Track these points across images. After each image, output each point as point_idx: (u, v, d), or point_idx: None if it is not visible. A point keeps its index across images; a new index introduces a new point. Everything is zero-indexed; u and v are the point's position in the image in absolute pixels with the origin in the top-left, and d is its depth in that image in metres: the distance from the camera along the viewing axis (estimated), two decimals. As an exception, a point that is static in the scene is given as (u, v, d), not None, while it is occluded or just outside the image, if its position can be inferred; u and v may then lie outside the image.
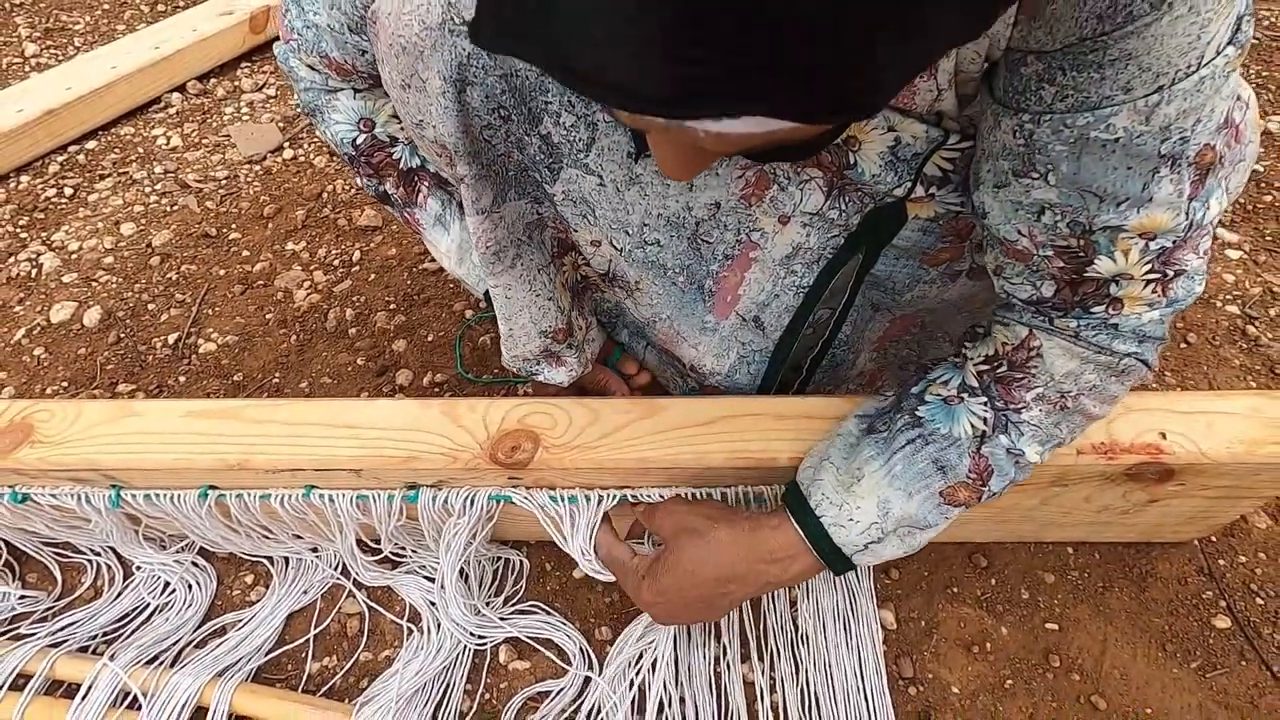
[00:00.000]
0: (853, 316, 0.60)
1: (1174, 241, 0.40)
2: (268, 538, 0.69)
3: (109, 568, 0.74)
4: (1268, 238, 1.02)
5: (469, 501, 0.62)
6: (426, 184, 0.62)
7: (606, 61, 0.22)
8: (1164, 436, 0.57)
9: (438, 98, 0.45)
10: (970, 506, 0.50)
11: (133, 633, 0.69)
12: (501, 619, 0.68)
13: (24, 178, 1.27)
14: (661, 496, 0.60)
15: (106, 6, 1.79)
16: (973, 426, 0.49)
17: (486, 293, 0.63)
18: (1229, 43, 0.34)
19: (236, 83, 1.49)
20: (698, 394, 0.70)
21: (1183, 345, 0.89)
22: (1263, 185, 1.09)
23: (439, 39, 0.44)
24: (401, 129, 0.61)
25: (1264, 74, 1.31)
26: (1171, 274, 0.42)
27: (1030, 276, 0.45)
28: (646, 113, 0.23)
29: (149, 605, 0.71)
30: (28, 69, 1.59)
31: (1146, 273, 0.41)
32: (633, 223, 0.53)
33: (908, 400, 0.52)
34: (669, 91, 0.22)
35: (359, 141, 0.60)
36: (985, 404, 0.49)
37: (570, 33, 0.22)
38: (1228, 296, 0.94)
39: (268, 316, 1.00)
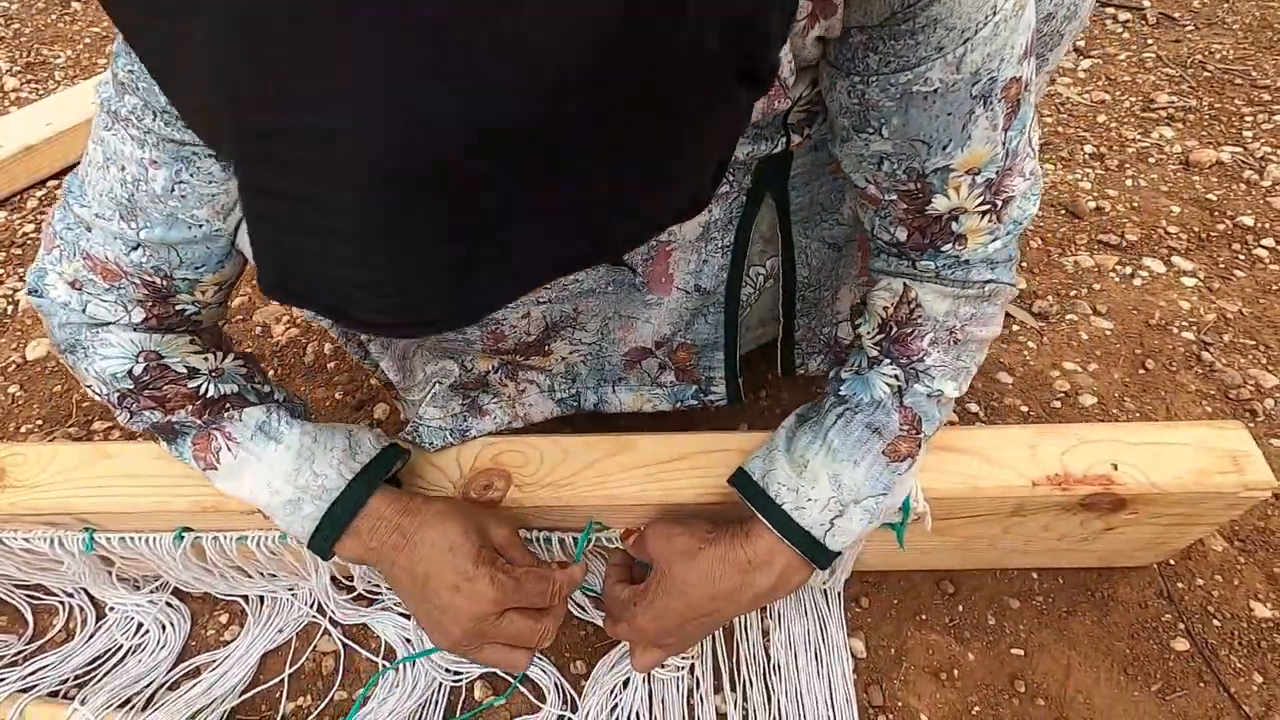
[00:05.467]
0: (803, 258, 0.63)
1: (997, 172, 0.46)
2: (241, 578, 0.70)
3: (81, 609, 0.73)
4: (1221, 265, 1.05)
5: (443, 539, 0.63)
6: (243, 405, 0.56)
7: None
8: (1115, 468, 0.59)
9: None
10: (915, 458, 0.54)
11: (105, 675, 0.69)
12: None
13: (1, 213, 1.27)
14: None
15: (88, 40, 1.80)
16: (888, 386, 0.54)
17: (322, 524, 0.54)
18: None
19: (217, 116, 1.50)
20: (683, 391, 0.71)
21: (1140, 371, 0.92)
22: (1216, 214, 1.13)
23: None
24: (206, 360, 0.55)
25: (1216, 106, 1.36)
26: (1001, 202, 0.47)
27: (883, 222, 0.51)
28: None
29: (122, 647, 0.71)
30: (8, 104, 1.59)
31: (979, 205, 0.47)
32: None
33: (829, 386, 0.57)
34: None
35: (137, 372, 0.52)
36: (891, 364, 0.53)
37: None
38: (1183, 323, 0.97)
39: (247, 351, 1.00)
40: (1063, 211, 1.15)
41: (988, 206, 0.47)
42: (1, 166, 1.27)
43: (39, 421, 0.94)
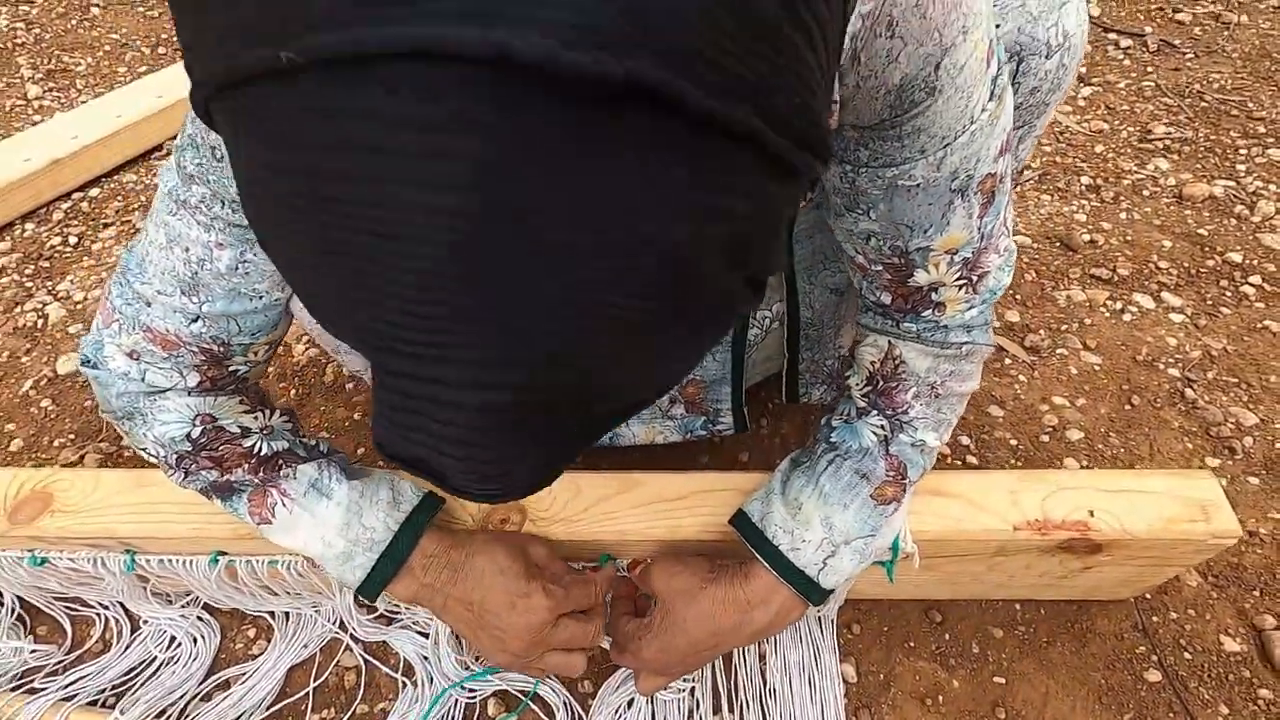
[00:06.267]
0: (807, 301, 0.69)
1: (973, 252, 0.51)
2: (269, 596, 0.74)
3: (117, 621, 0.78)
4: (1209, 302, 1.09)
5: (461, 567, 0.67)
6: (296, 461, 0.59)
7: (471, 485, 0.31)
8: (1091, 514, 0.63)
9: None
10: (900, 502, 0.58)
11: (141, 686, 0.73)
12: (490, 673, 0.73)
13: (29, 225, 1.31)
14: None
15: (107, 48, 1.84)
16: (875, 435, 0.58)
17: (374, 571, 0.58)
18: (990, 99, 0.43)
19: (236, 130, 1.54)
20: (693, 423, 0.76)
21: (1126, 407, 0.96)
22: (1206, 249, 1.17)
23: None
24: (255, 418, 0.59)
25: (1211, 138, 1.40)
26: (977, 277, 0.52)
27: (870, 287, 0.56)
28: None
29: (156, 659, 0.75)
30: (30, 111, 1.63)
31: (956, 279, 0.52)
32: None
33: (820, 433, 0.61)
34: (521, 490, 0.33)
35: (195, 435, 0.56)
36: (878, 415, 0.58)
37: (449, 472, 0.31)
38: (1169, 360, 1.01)
39: (269, 370, 1.05)
40: (1057, 244, 1.19)
41: (964, 281, 0.52)
42: (29, 180, 1.31)
43: (71, 436, 0.98)
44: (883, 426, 0.58)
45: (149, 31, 1.89)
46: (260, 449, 0.58)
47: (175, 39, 1.86)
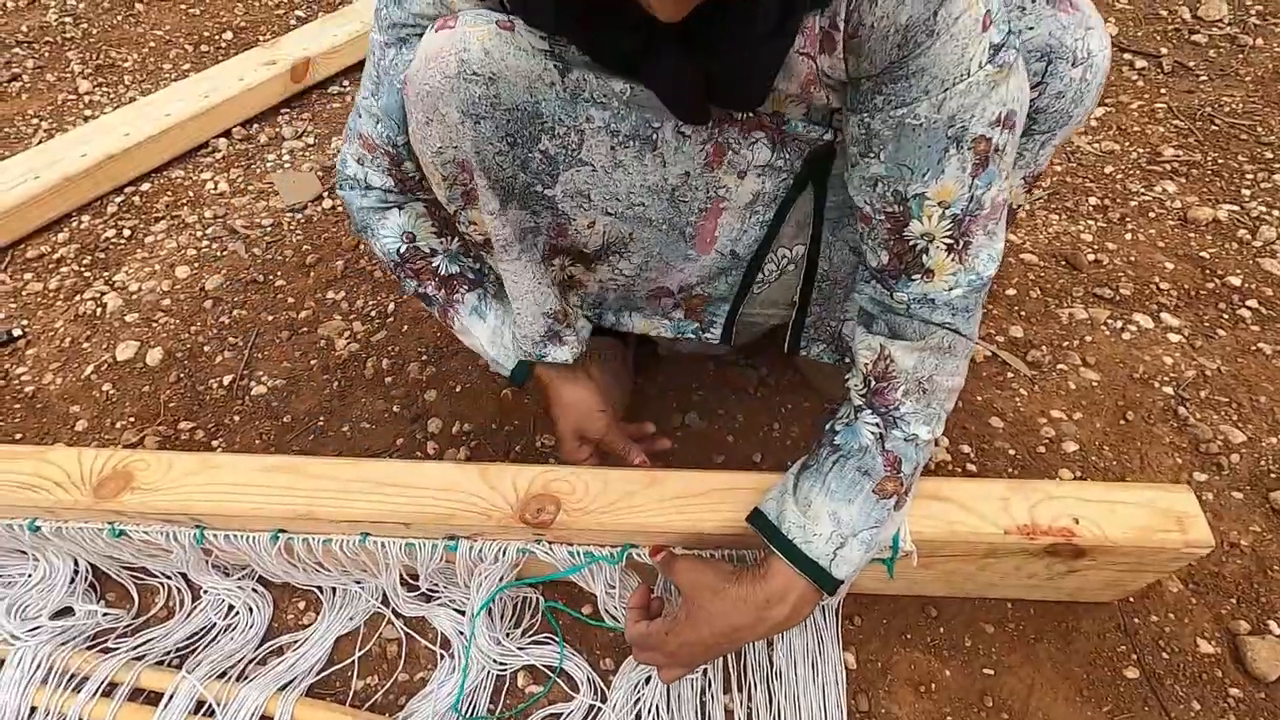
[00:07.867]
0: (827, 253, 0.76)
1: (963, 211, 0.58)
2: (320, 571, 0.81)
3: (179, 590, 0.85)
4: (1206, 323, 1.14)
5: (501, 553, 0.74)
6: (465, 286, 0.78)
7: None
8: (1076, 521, 0.69)
9: (456, 126, 0.61)
10: (900, 496, 0.64)
11: (204, 649, 0.80)
12: (520, 649, 0.80)
13: (85, 218, 1.39)
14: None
15: (152, 44, 1.91)
16: (871, 433, 0.64)
17: (514, 372, 0.81)
18: (988, 62, 0.53)
19: (278, 129, 1.61)
20: (686, 326, 0.84)
21: (1121, 422, 1.01)
22: (1207, 272, 1.21)
23: (455, 84, 0.60)
24: (440, 242, 0.76)
25: (1219, 161, 1.44)
26: (963, 244, 0.59)
27: (873, 245, 0.63)
28: None
29: (216, 625, 0.83)
30: (82, 106, 1.71)
31: (946, 236, 0.59)
32: (620, 194, 0.68)
33: (824, 437, 0.67)
34: None
35: (402, 250, 0.74)
36: (872, 413, 0.65)
37: None
38: (1165, 378, 1.06)
39: (312, 362, 1.12)
40: (1063, 263, 1.24)
41: (952, 241, 0.59)
42: (85, 174, 1.39)
43: (131, 419, 1.05)
44: (878, 424, 0.64)
45: (191, 29, 1.96)
46: (440, 268, 0.76)
47: (216, 37, 1.94)
